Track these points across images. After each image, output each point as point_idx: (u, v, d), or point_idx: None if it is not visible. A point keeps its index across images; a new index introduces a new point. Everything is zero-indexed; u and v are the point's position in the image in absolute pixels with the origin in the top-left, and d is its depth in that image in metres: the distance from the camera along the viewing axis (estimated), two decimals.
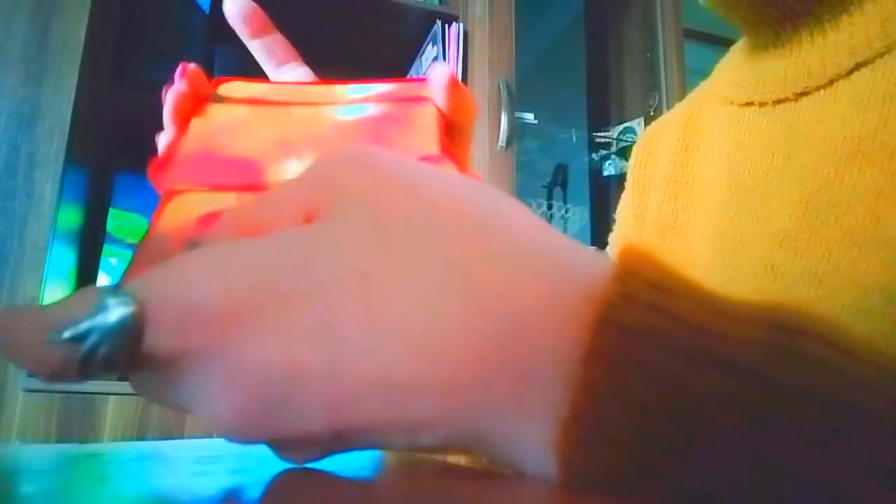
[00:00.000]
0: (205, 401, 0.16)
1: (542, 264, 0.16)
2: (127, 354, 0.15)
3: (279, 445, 0.18)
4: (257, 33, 0.34)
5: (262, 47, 0.35)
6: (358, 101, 0.29)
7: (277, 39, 0.35)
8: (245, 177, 0.27)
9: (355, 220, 0.17)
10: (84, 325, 0.15)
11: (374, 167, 0.18)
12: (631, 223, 0.48)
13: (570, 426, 0.15)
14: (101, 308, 0.15)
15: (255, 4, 0.34)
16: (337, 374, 0.15)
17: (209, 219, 0.24)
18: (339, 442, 0.17)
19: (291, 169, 0.27)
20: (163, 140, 0.31)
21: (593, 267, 0.16)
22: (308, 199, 0.18)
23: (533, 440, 0.16)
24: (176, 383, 0.17)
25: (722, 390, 0.14)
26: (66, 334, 0.15)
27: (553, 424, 0.15)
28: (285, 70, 0.35)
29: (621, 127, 1.78)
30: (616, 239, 0.51)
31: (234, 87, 0.31)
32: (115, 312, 0.15)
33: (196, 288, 0.16)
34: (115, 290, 0.15)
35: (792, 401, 0.14)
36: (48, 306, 0.16)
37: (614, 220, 0.52)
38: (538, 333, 0.15)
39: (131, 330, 0.15)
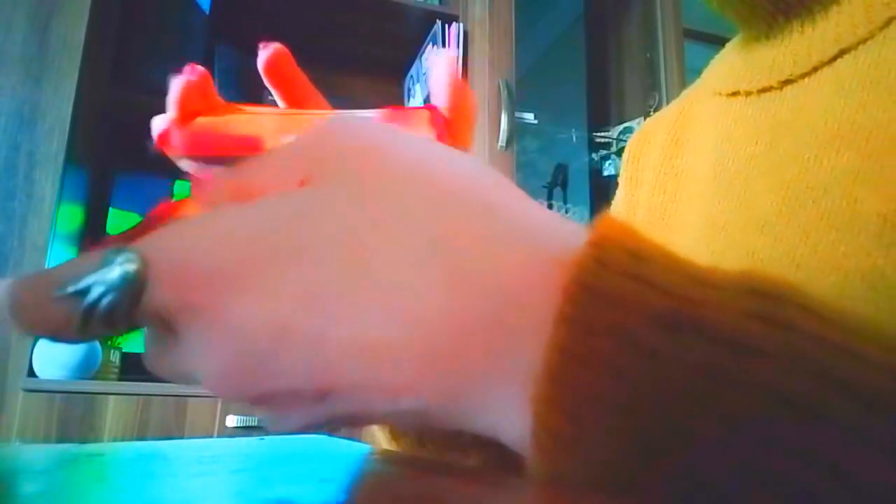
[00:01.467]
0: (200, 359, 0.17)
1: (521, 234, 0.16)
2: (128, 310, 0.16)
3: (268, 409, 0.18)
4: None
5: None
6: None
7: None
8: (247, 150, 0.28)
9: (345, 187, 0.17)
10: (88, 280, 0.16)
11: (366, 136, 0.18)
12: (623, 218, 0.48)
13: (542, 387, 0.15)
14: (106, 263, 0.16)
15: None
16: (321, 336, 0.16)
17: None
18: (326, 406, 0.17)
19: None
20: (159, 122, 0.31)
21: (571, 235, 0.16)
22: (301, 164, 0.18)
23: (509, 404, 0.16)
24: (175, 345, 0.17)
25: (696, 354, 0.14)
26: (70, 288, 0.16)
27: (527, 386, 0.15)
28: None
29: (621, 127, 1.78)
30: None
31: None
32: (119, 268, 0.16)
33: (193, 248, 0.16)
34: (119, 248, 0.16)
35: (765, 364, 0.14)
36: (54, 267, 0.17)
37: None
38: (514, 299, 0.15)
39: (133, 285, 0.16)
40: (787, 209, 0.32)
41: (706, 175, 0.39)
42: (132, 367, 1.33)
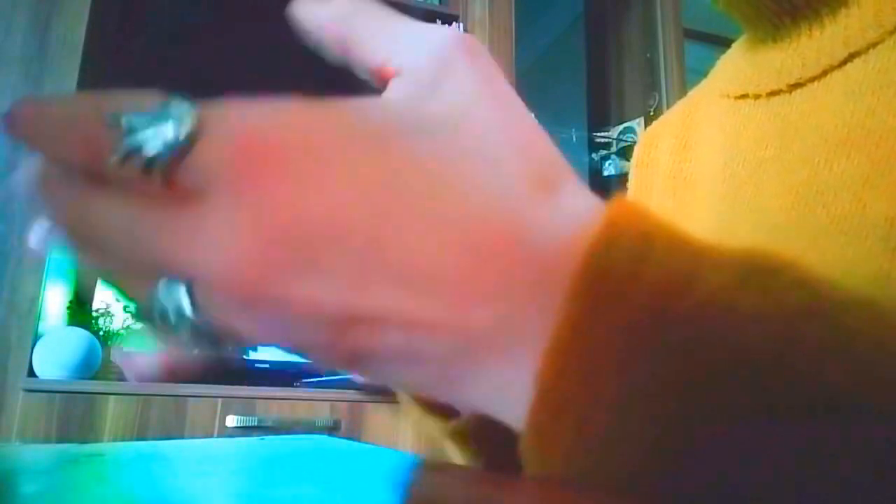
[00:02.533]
0: (221, 238, 0.15)
1: (543, 213, 0.16)
2: (171, 163, 0.15)
3: (268, 324, 0.16)
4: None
5: None
6: None
7: None
8: None
9: (444, 119, 0.17)
10: (139, 122, 0.15)
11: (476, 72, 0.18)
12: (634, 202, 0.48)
13: (550, 356, 0.15)
14: (165, 106, 0.15)
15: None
16: (377, 245, 0.15)
17: None
18: (341, 341, 0.16)
19: None
20: None
21: (586, 212, 0.17)
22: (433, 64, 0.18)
23: (517, 371, 0.16)
24: (197, 212, 0.15)
25: (697, 327, 0.15)
26: (125, 120, 0.15)
27: (537, 352, 0.15)
28: None
29: (621, 127, 1.78)
30: None
31: None
32: (176, 112, 0.15)
33: (255, 120, 0.15)
34: (181, 97, 0.15)
35: (758, 335, 0.15)
36: (111, 93, 0.16)
37: None
38: (535, 269, 0.16)
39: (186, 137, 0.15)
40: (796, 213, 0.32)
41: (715, 178, 0.39)
42: None
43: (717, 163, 0.39)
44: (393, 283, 0.15)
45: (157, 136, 0.15)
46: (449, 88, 0.17)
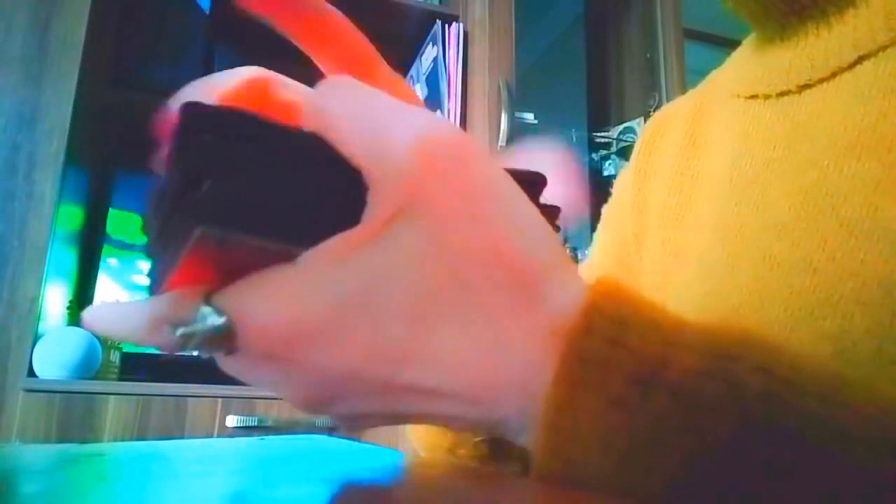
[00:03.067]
0: (281, 388, 0.21)
1: (539, 301, 0.20)
2: (219, 349, 0.19)
3: (343, 418, 0.22)
4: None
5: None
6: None
7: None
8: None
9: (416, 244, 0.19)
10: (189, 329, 0.19)
11: (462, 172, 0.20)
12: (629, 213, 0.48)
13: (543, 434, 0.19)
14: (199, 318, 0.19)
15: None
16: (388, 381, 0.19)
17: None
18: (394, 416, 0.21)
19: None
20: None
21: (568, 298, 0.20)
22: (398, 197, 0.19)
23: (524, 429, 0.20)
24: (258, 372, 0.21)
25: (663, 411, 0.18)
26: (178, 332, 0.19)
27: (535, 423, 0.19)
28: None
29: (621, 127, 1.78)
30: (608, 221, 0.52)
31: None
32: (209, 323, 0.19)
33: (274, 307, 0.19)
34: (208, 299, 0.19)
35: (719, 420, 0.17)
36: (151, 300, 0.20)
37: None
38: (527, 358, 0.19)
39: (223, 336, 0.19)
40: (805, 214, 0.32)
41: (722, 176, 0.39)
42: (132, 367, 1.33)
43: (724, 161, 0.39)
44: (415, 397, 0.20)
45: (198, 334, 0.19)
46: (422, 220, 0.19)
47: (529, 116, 1.68)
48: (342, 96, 0.20)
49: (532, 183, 0.24)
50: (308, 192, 0.19)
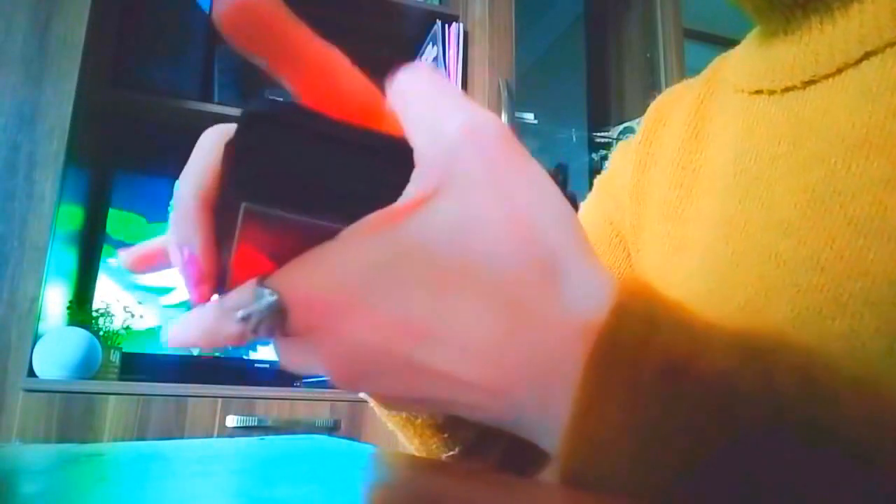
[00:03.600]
0: (321, 361, 0.21)
1: (566, 299, 0.19)
2: (275, 328, 0.21)
3: (376, 393, 0.24)
4: None
5: None
6: None
7: None
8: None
9: (448, 218, 0.19)
10: (247, 311, 0.20)
11: (494, 157, 0.20)
12: (626, 202, 0.48)
13: (569, 431, 0.19)
14: (257, 296, 0.20)
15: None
16: (409, 359, 0.20)
17: None
18: (418, 402, 0.22)
19: None
20: None
21: (596, 300, 0.19)
22: (432, 181, 0.20)
23: (550, 421, 0.20)
24: (303, 349, 0.22)
25: (695, 411, 0.17)
26: (239, 315, 0.21)
27: (562, 420, 0.19)
28: None
29: (621, 127, 1.78)
30: (599, 195, 0.52)
31: None
32: (265, 301, 0.20)
33: (314, 283, 0.20)
34: (263, 282, 0.21)
35: (752, 418, 0.17)
36: (225, 299, 0.22)
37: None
38: (548, 352, 0.19)
39: (277, 313, 0.20)
40: (811, 212, 0.31)
41: (725, 172, 0.38)
42: (132, 367, 1.33)
43: (727, 156, 0.38)
44: (434, 379, 0.20)
45: (258, 314, 0.21)
46: (456, 191, 0.19)
47: (529, 116, 1.68)
48: (418, 80, 0.22)
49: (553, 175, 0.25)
50: (350, 173, 0.20)
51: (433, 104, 0.21)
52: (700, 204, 0.40)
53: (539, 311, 0.19)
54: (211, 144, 0.23)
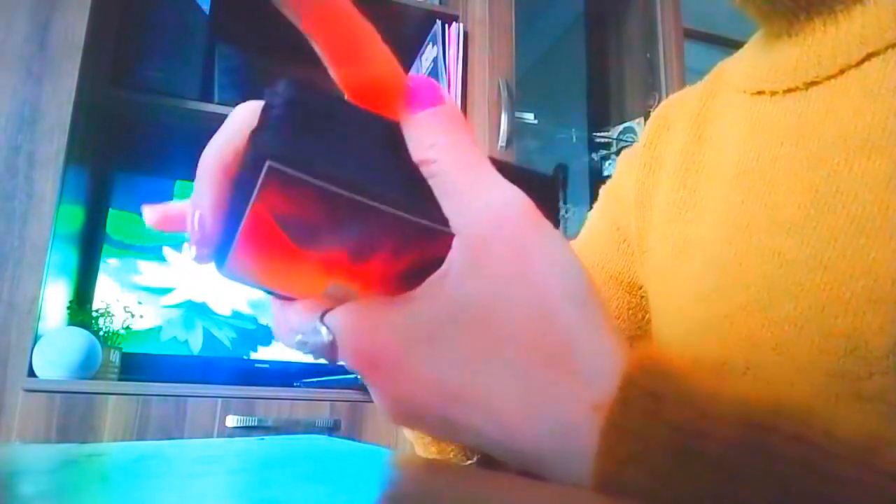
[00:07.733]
0: (375, 398, 0.24)
1: (579, 373, 0.21)
2: (328, 358, 0.24)
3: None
4: None
5: None
6: None
7: None
8: None
9: (478, 296, 0.21)
10: (304, 339, 0.24)
11: (521, 244, 0.21)
12: (631, 206, 0.48)
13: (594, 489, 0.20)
14: (315, 331, 0.24)
15: None
16: (448, 419, 0.22)
17: None
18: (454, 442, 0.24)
19: None
20: None
21: (606, 376, 0.21)
22: (471, 252, 0.22)
23: (573, 482, 0.21)
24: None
25: (704, 482, 0.18)
26: (297, 339, 0.25)
27: (584, 481, 0.20)
28: None
29: (621, 127, 1.78)
30: (605, 202, 0.52)
31: None
32: (320, 339, 0.24)
33: (364, 336, 0.23)
34: (324, 318, 0.24)
35: (758, 490, 0.18)
36: (284, 310, 0.26)
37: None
38: (563, 423, 0.20)
39: (329, 349, 0.24)
40: (814, 212, 0.31)
41: (728, 173, 0.38)
42: (132, 368, 1.33)
43: (730, 157, 0.39)
44: (466, 431, 0.22)
45: (311, 345, 0.24)
46: (486, 272, 0.21)
47: (529, 116, 1.68)
48: (445, 132, 0.22)
49: (552, 183, 0.25)
50: (372, 153, 0.21)
51: (462, 175, 0.22)
52: (703, 205, 0.41)
53: (554, 387, 0.21)
54: (243, 117, 0.24)
